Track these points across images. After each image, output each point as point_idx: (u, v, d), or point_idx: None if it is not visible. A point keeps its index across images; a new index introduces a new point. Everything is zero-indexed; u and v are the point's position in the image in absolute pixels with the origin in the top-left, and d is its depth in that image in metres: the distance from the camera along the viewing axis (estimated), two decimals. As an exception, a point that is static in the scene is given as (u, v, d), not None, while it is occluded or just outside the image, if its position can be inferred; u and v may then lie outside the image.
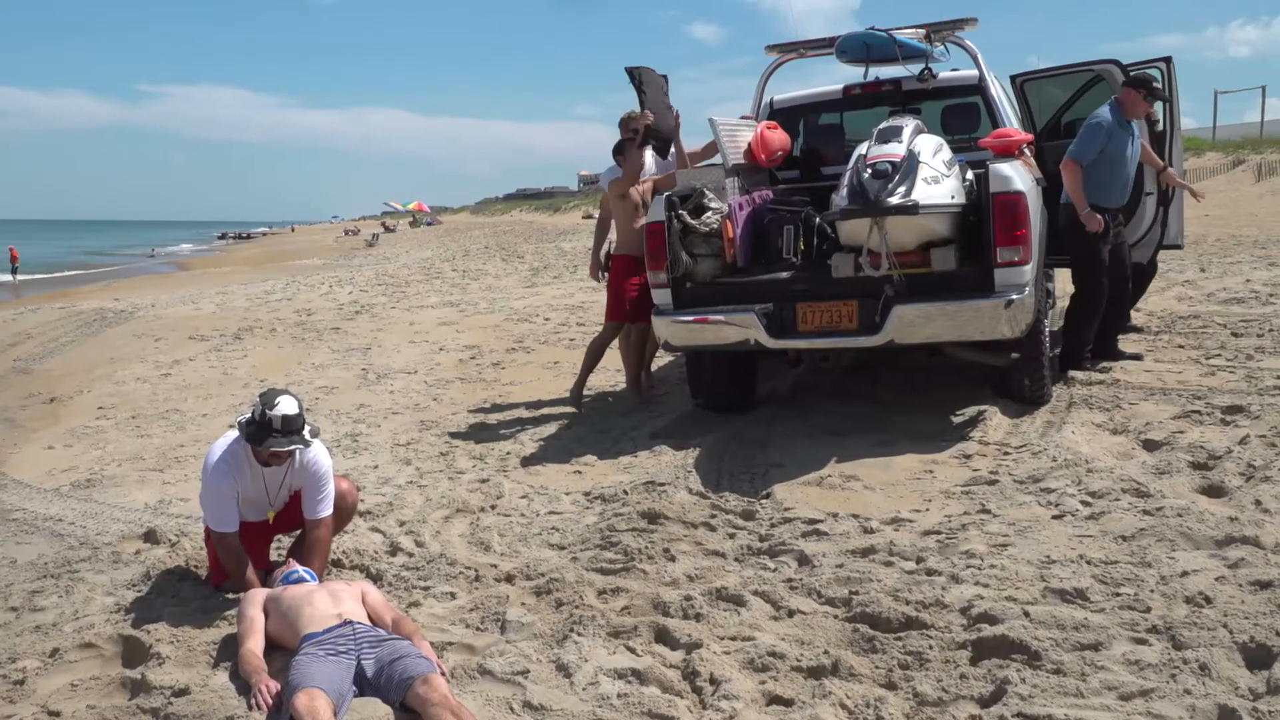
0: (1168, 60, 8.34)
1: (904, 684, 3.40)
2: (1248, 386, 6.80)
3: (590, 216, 56.91)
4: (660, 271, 6.78)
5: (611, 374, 9.00)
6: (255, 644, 3.79)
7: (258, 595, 4.07)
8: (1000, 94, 7.95)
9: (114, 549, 5.35)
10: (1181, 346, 8.31)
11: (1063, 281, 8.34)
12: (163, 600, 4.55)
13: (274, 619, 3.92)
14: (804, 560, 4.58)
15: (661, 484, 5.76)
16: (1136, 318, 9.28)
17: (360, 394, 9.54)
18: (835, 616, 3.95)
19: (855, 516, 5.09)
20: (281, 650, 3.80)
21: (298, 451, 4.49)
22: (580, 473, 6.44)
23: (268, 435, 4.32)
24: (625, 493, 5.74)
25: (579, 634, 3.86)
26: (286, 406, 4.34)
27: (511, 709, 3.39)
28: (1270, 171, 28.54)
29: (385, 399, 9.19)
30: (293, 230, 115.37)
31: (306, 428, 4.44)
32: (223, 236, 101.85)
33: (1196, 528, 4.37)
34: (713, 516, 5.28)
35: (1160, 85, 7.68)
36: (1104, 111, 7.34)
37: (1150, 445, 5.75)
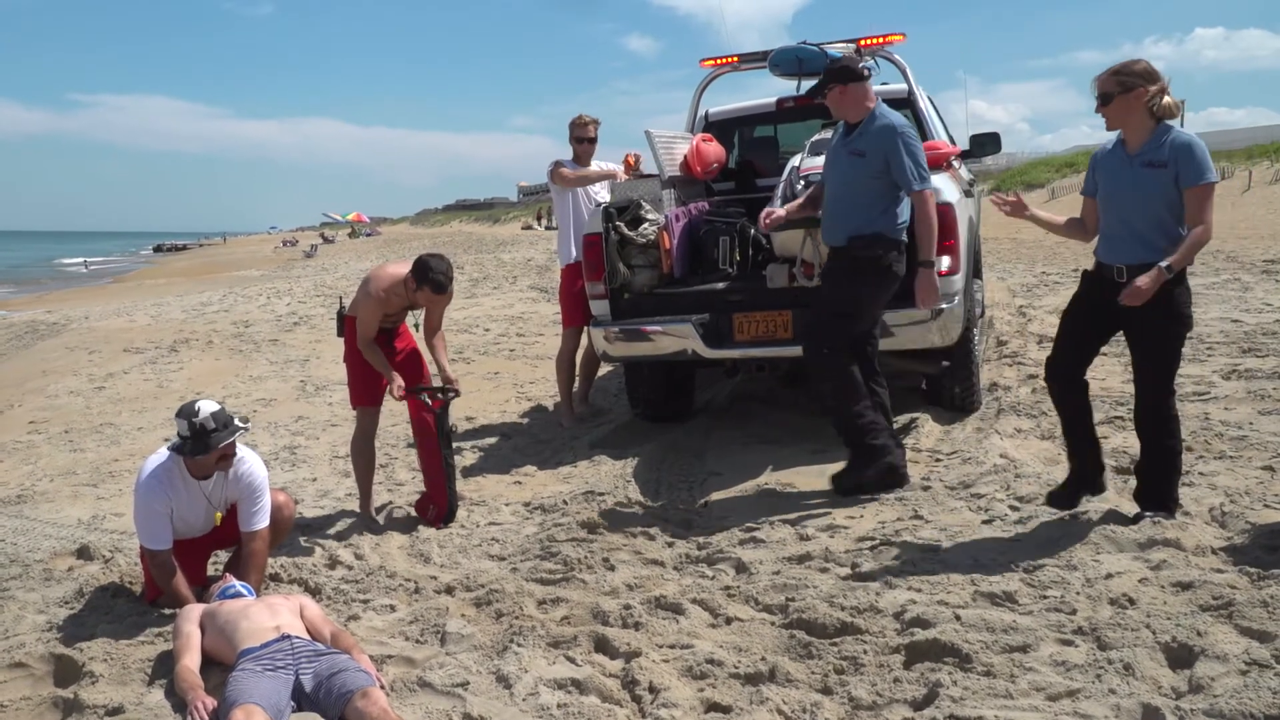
0: None
1: (839, 689, 3.46)
2: (1170, 393, 6.97)
3: (530, 227, 56.82)
4: (598, 283, 6.82)
5: (554, 385, 9.01)
6: (191, 660, 3.76)
7: (193, 611, 4.04)
8: (929, 107, 8.09)
9: (46, 566, 5.27)
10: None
11: (991, 291, 8.49)
12: (96, 617, 4.48)
13: (210, 635, 3.89)
14: (741, 568, 4.63)
15: (601, 494, 5.80)
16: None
17: (299, 406, 9.47)
18: (772, 623, 4.00)
19: (791, 524, 5.16)
20: (219, 666, 3.77)
21: (234, 463, 4.49)
22: (520, 483, 6.45)
23: (208, 437, 4.31)
24: (565, 503, 5.77)
25: (519, 644, 3.87)
26: (207, 406, 4.37)
27: (451, 721, 3.40)
28: (1191, 182, 29.32)
29: (324, 411, 9.13)
30: (224, 241, 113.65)
31: (234, 417, 4.46)
32: (158, 248, 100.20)
33: (1120, 531, 4.48)
34: (651, 525, 5.32)
35: None
36: None
37: (1076, 452, 5.89)
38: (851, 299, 5.53)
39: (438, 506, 5.68)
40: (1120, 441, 5.93)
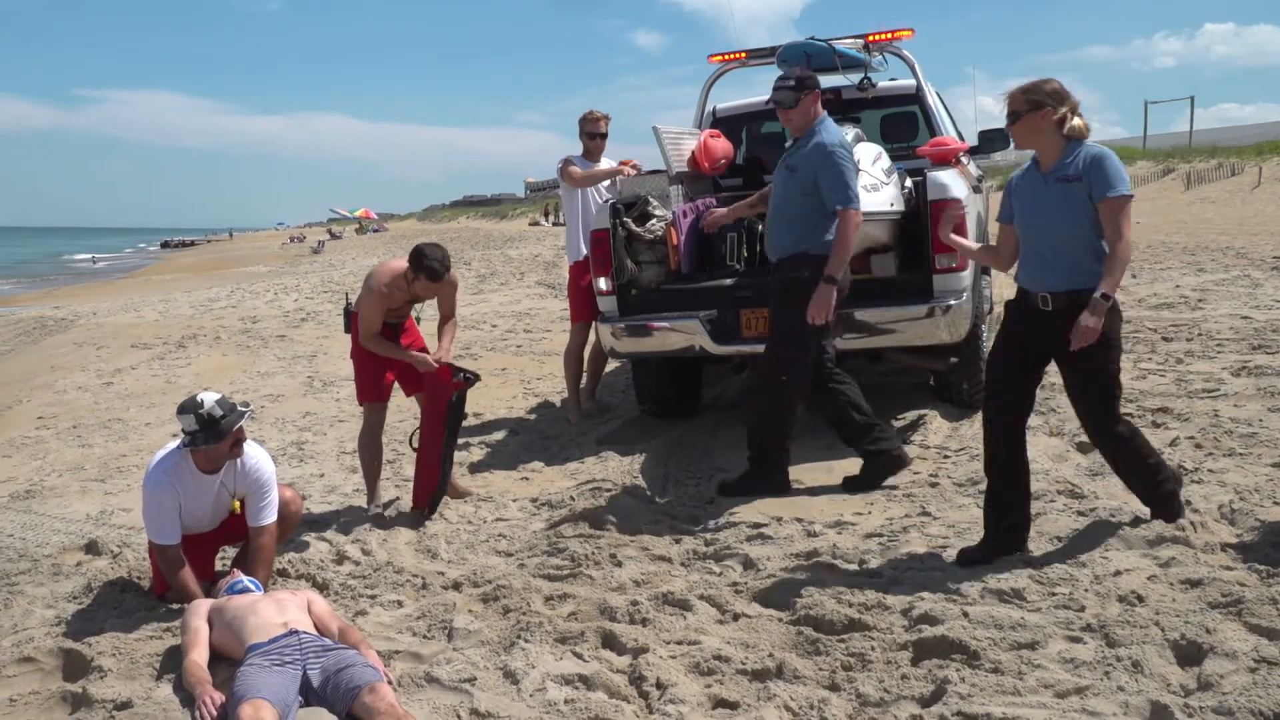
0: None
1: (847, 685, 3.45)
2: (1177, 389, 6.97)
3: (537, 224, 56.78)
4: (605, 278, 6.82)
5: (562, 381, 9.01)
6: (199, 655, 3.77)
7: (202, 606, 4.04)
8: (937, 103, 8.08)
9: (54, 561, 5.28)
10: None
11: (999, 287, 8.48)
12: (104, 612, 4.50)
13: (219, 629, 3.89)
14: (749, 564, 4.63)
15: (608, 490, 5.79)
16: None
17: (306, 402, 9.48)
18: (780, 620, 4.00)
19: (799, 520, 5.15)
20: (227, 661, 3.78)
21: (242, 458, 4.53)
22: (527, 479, 6.45)
23: (218, 424, 4.34)
24: (572, 499, 5.77)
25: (526, 640, 3.87)
26: (209, 396, 4.42)
27: (459, 716, 3.40)
28: (1199, 180, 29.21)
29: (331, 407, 9.14)
30: (231, 236, 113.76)
31: (235, 403, 4.50)
32: (166, 244, 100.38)
33: (1129, 528, 4.47)
34: (658, 521, 5.33)
35: None
36: None
37: (1084, 448, 5.86)
38: (792, 323, 5.50)
39: (424, 489, 5.70)
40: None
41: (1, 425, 9.33)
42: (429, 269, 5.45)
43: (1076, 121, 4.21)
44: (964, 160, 7.15)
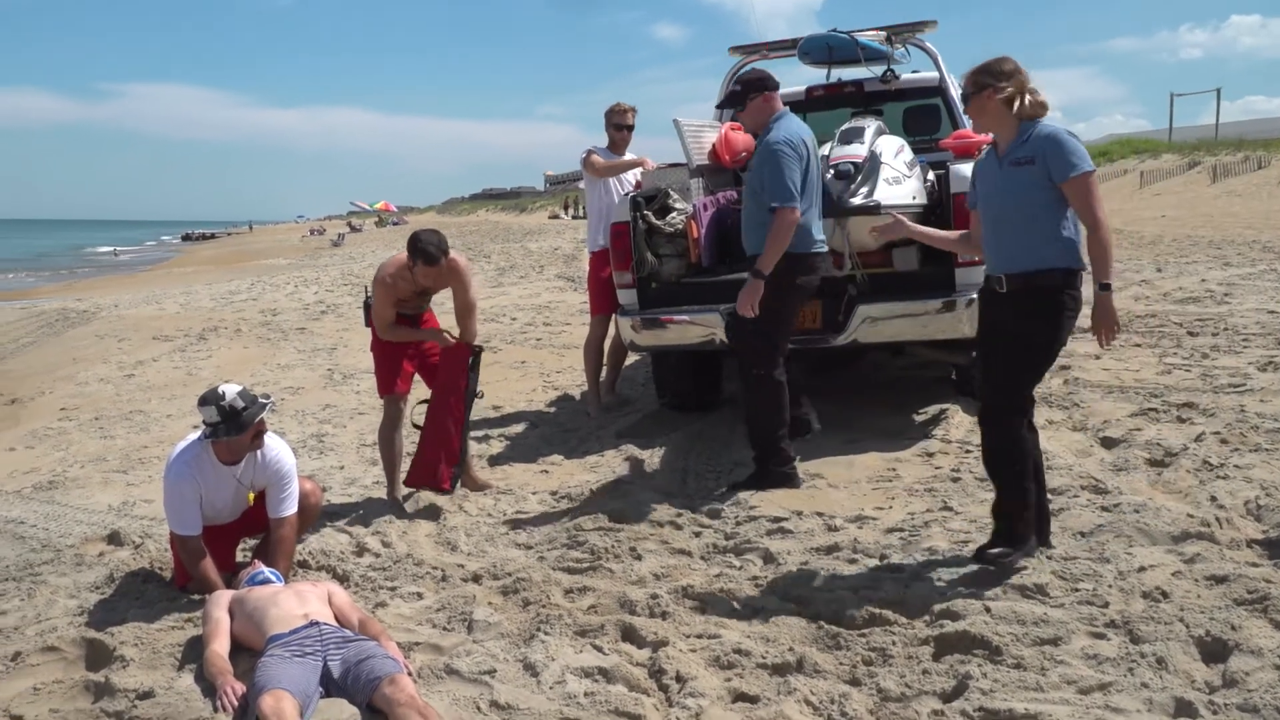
0: None
1: (868, 680, 3.44)
2: (1203, 384, 6.91)
3: (557, 217, 56.78)
4: (625, 272, 6.81)
5: (581, 374, 9.01)
6: (220, 646, 3.78)
7: (223, 597, 4.06)
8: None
9: (77, 551, 5.31)
10: (1139, 345, 8.43)
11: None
12: (126, 602, 4.52)
13: (239, 620, 3.91)
14: (769, 558, 4.61)
15: (628, 483, 5.79)
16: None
17: (326, 394, 9.51)
18: (800, 614, 3.99)
19: (819, 515, 5.13)
20: (247, 652, 3.79)
21: (263, 449, 4.55)
22: (547, 472, 6.45)
23: (240, 416, 4.37)
24: (592, 492, 5.76)
25: (546, 633, 3.87)
26: (231, 387, 4.45)
27: (479, 708, 3.40)
28: (1225, 173, 28.94)
29: (351, 399, 9.16)
30: (250, 229, 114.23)
31: (257, 395, 4.52)
32: (187, 237, 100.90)
33: (1153, 524, 4.44)
34: (679, 515, 5.31)
35: None
36: None
37: (1108, 442, 5.84)
38: (763, 313, 5.47)
39: (446, 462, 5.75)
40: (1154, 434, 5.87)
41: (24, 416, 9.39)
42: (424, 253, 5.50)
43: (1029, 100, 4.05)
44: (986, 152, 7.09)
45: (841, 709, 3.27)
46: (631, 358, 8.62)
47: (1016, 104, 4.05)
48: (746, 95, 5.59)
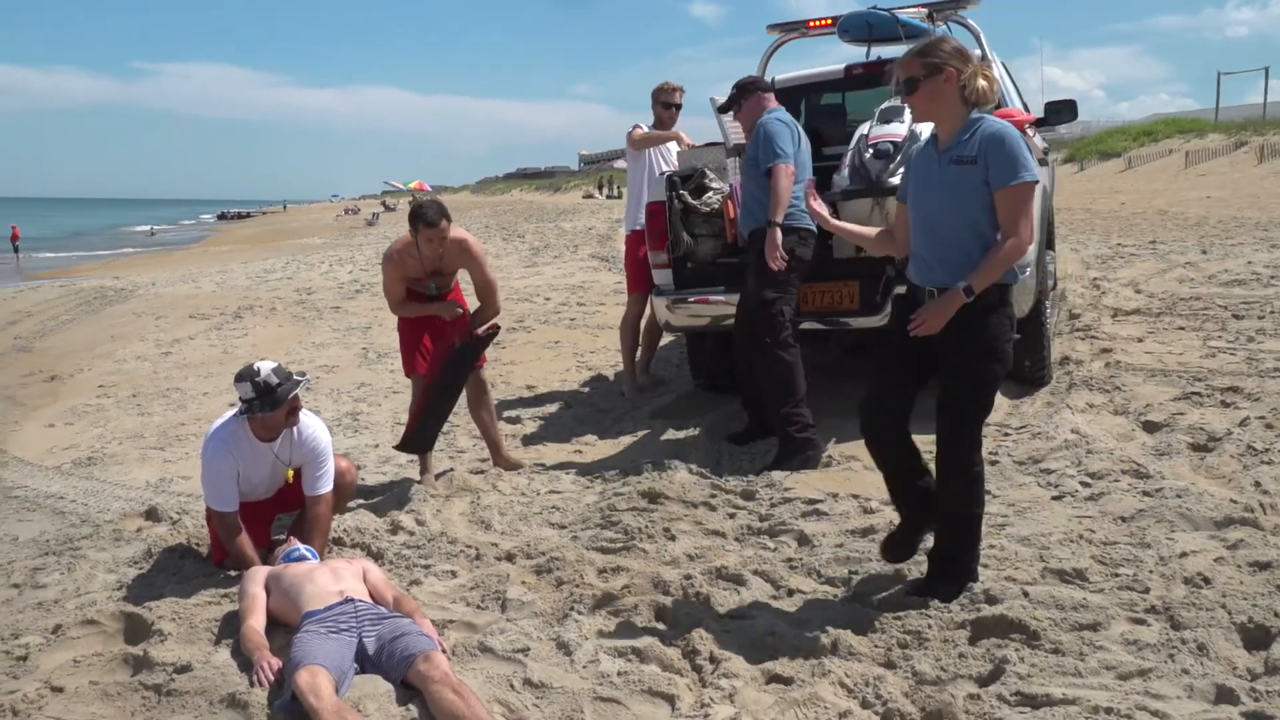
0: None
1: (903, 663, 3.41)
2: (1248, 368, 6.81)
3: (591, 196, 56.72)
4: (661, 252, 6.77)
5: (615, 354, 8.99)
6: (257, 621, 3.81)
7: (259, 573, 4.08)
8: (1002, 74, 7.91)
9: (115, 526, 5.37)
10: (1182, 328, 8.32)
11: (1064, 263, 8.32)
12: (164, 578, 4.56)
13: (275, 596, 3.93)
14: (804, 540, 4.59)
15: (662, 463, 5.77)
16: (1137, 299, 9.26)
17: (361, 373, 9.55)
18: (834, 596, 3.96)
19: (855, 497, 5.10)
20: (283, 628, 3.81)
21: (298, 427, 4.58)
22: (580, 452, 6.45)
23: (275, 392, 4.40)
24: (625, 472, 5.75)
25: (579, 612, 3.87)
26: (266, 364, 4.48)
27: (512, 686, 3.40)
28: (1272, 153, 28.47)
29: (386, 378, 9.20)
30: (284, 208, 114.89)
31: (291, 371, 4.56)
32: (222, 215, 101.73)
33: (1196, 509, 4.38)
34: (713, 496, 5.29)
35: None
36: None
37: (1150, 427, 5.76)
38: (767, 284, 5.73)
39: (411, 420, 5.88)
40: (1197, 418, 5.78)
41: (63, 393, 9.49)
42: (421, 216, 5.63)
43: (981, 83, 3.65)
44: (1030, 132, 6.99)
45: (876, 691, 3.24)
46: (667, 338, 8.59)
47: (968, 89, 3.65)
48: (741, 97, 6.03)
